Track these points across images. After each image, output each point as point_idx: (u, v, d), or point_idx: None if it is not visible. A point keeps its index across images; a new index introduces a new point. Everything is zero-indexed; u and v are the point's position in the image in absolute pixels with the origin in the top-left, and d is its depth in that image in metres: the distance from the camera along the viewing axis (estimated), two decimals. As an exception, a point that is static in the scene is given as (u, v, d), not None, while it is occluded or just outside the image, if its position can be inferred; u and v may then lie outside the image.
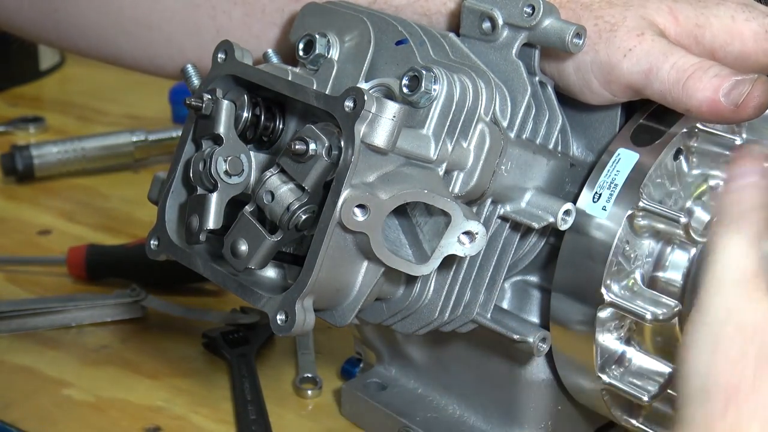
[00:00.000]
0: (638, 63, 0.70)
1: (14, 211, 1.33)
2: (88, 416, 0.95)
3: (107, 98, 1.66)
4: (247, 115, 0.71)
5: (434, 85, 0.68)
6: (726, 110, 0.68)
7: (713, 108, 0.69)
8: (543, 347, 0.75)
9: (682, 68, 0.69)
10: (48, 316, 1.07)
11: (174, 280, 1.12)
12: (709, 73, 0.69)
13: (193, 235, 0.69)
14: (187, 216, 0.70)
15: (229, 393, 0.98)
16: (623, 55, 0.71)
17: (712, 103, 0.68)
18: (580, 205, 0.74)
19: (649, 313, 0.72)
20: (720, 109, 0.69)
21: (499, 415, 0.85)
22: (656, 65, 0.70)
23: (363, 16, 0.74)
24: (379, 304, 0.74)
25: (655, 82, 0.70)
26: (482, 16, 0.73)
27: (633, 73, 0.71)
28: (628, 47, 0.71)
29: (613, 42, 0.71)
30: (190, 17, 0.84)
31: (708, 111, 0.69)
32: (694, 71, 0.69)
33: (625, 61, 0.71)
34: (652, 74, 0.70)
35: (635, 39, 0.70)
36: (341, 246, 0.67)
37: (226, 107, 0.70)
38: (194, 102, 0.70)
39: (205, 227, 0.69)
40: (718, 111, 0.69)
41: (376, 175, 0.66)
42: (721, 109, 0.69)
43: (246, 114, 0.71)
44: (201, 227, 0.69)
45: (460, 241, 0.67)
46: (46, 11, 0.88)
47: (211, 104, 0.70)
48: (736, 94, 0.68)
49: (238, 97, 0.71)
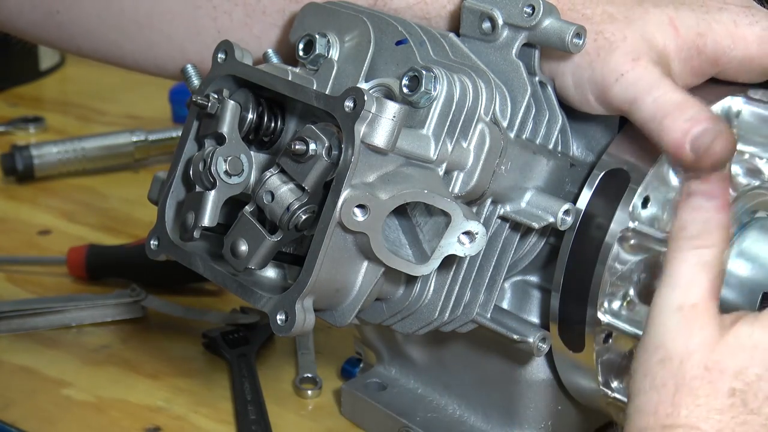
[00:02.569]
0: (626, 91, 0.70)
1: (14, 211, 1.33)
2: (88, 416, 0.95)
3: (107, 98, 1.66)
4: (252, 116, 0.71)
5: (434, 85, 0.68)
6: (687, 157, 0.67)
7: (677, 152, 0.67)
8: (543, 347, 0.75)
9: (661, 105, 0.69)
10: (48, 316, 1.07)
11: (174, 280, 1.12)
12: (684, 115, 0.68)
13: (188, 232, 0.69)
14: (184, 212, 0.70)
15: (229, 393, 0.98)
16: (615, 80, 0.71)
17: (677, 148, 0.67)
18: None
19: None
20: (683, 155, 0.67)
21: (499, 415, 0.85)
22: (640, 97, 0.70)
23: (363, 17, 0.74)
24: (379, 304, 0.74)
25: (636, 113, 0.70)
26: (482, 16, 0.73)
27: (621, 100, 0.71)
28: (621, 72, 0.70)
29: (608, 63, 0.71)
30: (191, 18, 0.84)
31: (673, 154, 0.68)
32: (672, 111, 0.68)
33: (616, 86, 0.71)
34: (635, 105, 0.70)
35: (629, 64, 0.70)
36: (341, 246, 0.67)
37: (232, 107, 0.70)
38: (200, 100, 0.70)
39: (200, 224, 0.69)
40: (681, 156, 0.67)
41: (376, 175, 0.66)
42: (683, 155, 0.67)
43: (251, 116, 0.71)
44: (196, 224, 0.69)
45: (460, 241, 0.67)
46: (47, 13, 0.88)
47: (217, 104, 0.70)
48: (699, 144, 0.66)
49: (245, 99, 0.71)
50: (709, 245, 0.64)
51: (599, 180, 0.74)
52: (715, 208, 0.65)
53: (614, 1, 0.73)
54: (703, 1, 0.73)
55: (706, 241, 0.64)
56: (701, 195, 0.65)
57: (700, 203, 0.64)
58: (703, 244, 0.64)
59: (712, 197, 0.65)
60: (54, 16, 0.88)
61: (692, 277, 0.63)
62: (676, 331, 0.62)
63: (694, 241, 0.64)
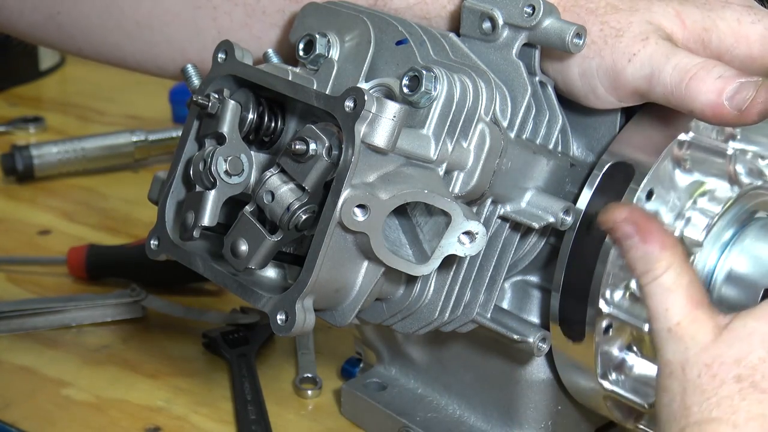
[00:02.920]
0: (641, 67, 0.70)
1: (14, 211, 1.33)
2: (88, 416, 0.95)
3: (107, 98, 1.66)
4: (252, 116, 0.71)
5: (434, 85, 0.68)
6: (729, 115, 0.68)
7: (717, 112, 0.68)
8: (543, 347, 0.75)
9: (684, 69, 0.69)
10: (48, 316, 1.07)
11: (174, 280, 1.12)
12: (712, 74, 0.68)
13: (187, 231, 0.69)
14: (183, 212, 0.70)
15: (229, 393, 0.98)
16: (627, 60, 0.70)
17: (715, 107, 0.68)
18: None
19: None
20: (723, 114, 0.68)
21: (499, 415, 0.85)
22: (658, 68, 0.69)
23: (363, 16, 0.74)
24: (379, 304, 0.74)
25: (658, 86, 0.70)
26: (482, 16, 0.73)
27: (637, 78, 0.70)
28: (632, 52, 0.70)
29: (618, 47, 0.71)
30: (191, 19, 0.84)
31: (711, 115, 0.68)
32: (696, 72, 0.68)
33: (629, 66, 0.70)
34: (655, 78, 0.70)
35: (639, 44, 0.70)
36: (341, 246, 0.67)
37: (232, 107, 0.70)
38: (201, 100, 0.70)
39: (200, 224, 0.69)
40: (722, 115, 0.68)
41: (376, 175, 0.66)
42: (724, 114, 0.68)
43: (252, 116, 0.71)
44: (196, 224, 0.69)
45: (460, 241, 0.67)
46: (47, 14, 0.88)
47: (217, 103, 0.70)
48: (740, 98, 0.67)
49: (245, 99, 0.71)
50: (662, 271, 0.65)
51: (600, 179, 0.74)
52: (640, 242, 0.65)
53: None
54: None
55: (656, 271, 0.65)
56: (623, 239, 0.66)
57: (628, 246, 0.65)
58: (655, 274, 0.65)
59: (631, 235, 0.65)
60: (54, 18, 0.88)
61: (664, 304, 0.64)
62: (673, 347, 0.64)
63: (647, 275, 0.65)
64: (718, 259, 0.75)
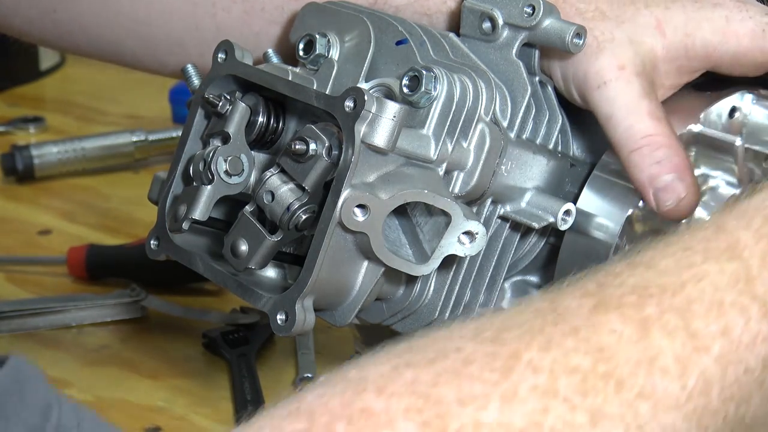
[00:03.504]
0: (604, 104, 0.71)
1: (14, 211, 1.33)
2: (88, 416, 0.95)
3: (107, 98, 1.66)
4: (262, 120, 0.71)
5: (434, 85, 0.68)
6: (649, 202, 0.70)
7: (643, 192, 0.70)
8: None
9: (633, 137, 0.70)
10: (48, 316, 1.07)
11: (174, 280, 1.12)
12: (654, 156, 0.70)
13: (177, 222, 0.69)
14: (177, 205, 0.70)
15: (229, 393, 0.98)
16: (597, 86, 0.71)
17: (641, 188, 0.70)
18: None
19: None
20: (646, 198, 0.70)
21: (499, 415, 0.85)
22: (616, 118, 0.71)
23: (363, 16, 0.74)
24: (379, 304, 0.74)
25: (608, 131, 0.71)
26: (482, 16, 0.73)
27: (598, 110, 0.72)
28: (603, 79, 0.71)
29: (593, 65, 0.72)
30: (190, 15, 0.84)
31: (639, 190, 0.71)
32: (641, 147, 0.70)
33: (597, 93, 0.72)
34: (610, 122, 0.71)
35: (613, 72, 0.71)
36: (341, 246, 0.67)
37: (242, 109, 0.70)
38: (212, 98, 0.70)
39: (190, 216, 0.69)
40: (646, 198, 0.70)
41: (376, 175, 0.66)
42: (646, 199, 0.70)
43: (261, 119, 0.71)
44: (186, 216, 0.69)
45: (460, 241, 0.67)
46: (44, 12, 0.88)
47: (227, 104, 0.70)
48: (665, 197, 0.69)
49: (255, 103, 0.71)
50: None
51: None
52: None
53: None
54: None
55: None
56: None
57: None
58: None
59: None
60: (51, 15, 0.88)
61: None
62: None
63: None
64: None
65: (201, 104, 0.72)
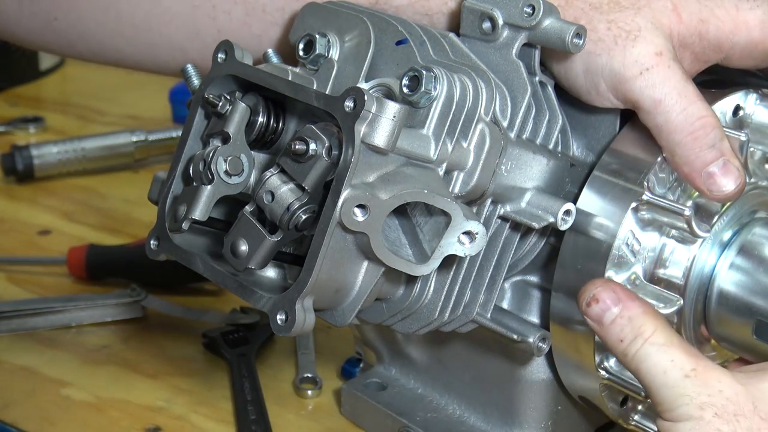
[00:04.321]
0: (652, 89, 0.71)
1: (14, 211, 1.33)
2: (87, 416, 0.95)
3: (107, 98, 1.66)
4: (262, 120, 0.71)
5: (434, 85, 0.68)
6: (699, 186, 0.71)
7: (690, 177, 0.71)
8: (543, 347, 0.75)
9: (689, 119, 0.70)
10: (48, 316, 1.07)
11: (174, 280, 1.12)
12: (709, 139, 0.70)
13: (177, 222, 0.69)
14: (177, 205, 0.70)
15: (229, 393, 0.98)
16: (639, 73, 0.71)
17: (691, 173, 0.71)
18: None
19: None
20: (695, 183, 0.71)
21: (499, 415, 0.85)
22: (668, 102, 0.70)
23: (363, 16, 0.74)
24: (379, 304, 0.74)
25: (659, 116, 0.71)
26: (482, 16, 0.73)
27: (644, 96, 0.71)
28: (646, 66, 0.71)
29: (630, 54, 0.71)
30: (190, 18, 0.84)
31: (684, 175, 0.71)
32: (696, 130, 0.70)
33: (640, 80, 0.71)
34: (661, 107, 0.71)
35: (653, 58, 0.71)
36: (341, 246, 0.67)
37: (242, 110, 0.70)
38: (212, 98, 0.70)
39: (190, 216, 0.69)
40: (693, 181, 0.71)
41: (376, 175, 0.66)
42: (695, 184, 0.71)
43: (261, 119, 0.71)
44: (186, 216, 0.69)
45: (460, 241, 0.67)
46: (45, 20, 0.88)
47: (227, 104, 0.70)
48: (720, 180, 0.70)
49: (255, 104, 0.71)
50: (651, 331, 0.68)
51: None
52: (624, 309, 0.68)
53: None
54: None
55: (646, 332, 0.68)
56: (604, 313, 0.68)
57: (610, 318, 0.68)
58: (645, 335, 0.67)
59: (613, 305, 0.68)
60: (52, 24, 0.88)
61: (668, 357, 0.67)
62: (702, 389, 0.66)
63: (638, 340, 0.67)
64: (719, 258, 0.75)
65: (201, 104, 0.72)
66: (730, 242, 0.75)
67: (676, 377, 0.66)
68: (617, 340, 0.68)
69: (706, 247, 0.74)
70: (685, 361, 0.66)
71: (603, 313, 0.68)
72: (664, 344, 0.67)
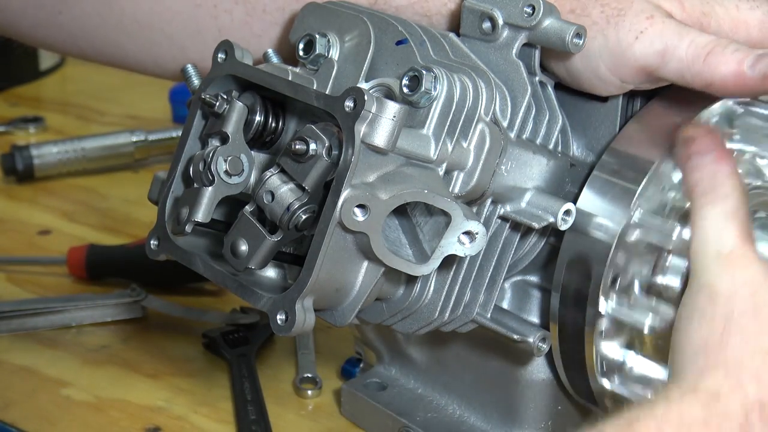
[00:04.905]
0: (652, 44, 0.70)
1: (14, 211, 1.33)
2: (87, 416, 0.95)
3: (107, 98, 1.66)
4: (260, 119, 0.71)
5: (434, 85, 0.68)
6: (753, 81, 0.69)
7: (740, 80, 0.69)
8: (543, 347, 0.75)
9: (700, 45, 0.69)
10: (48, 316, 1.07)
11: (174, 280, 1.12)
12: (729, 48, 0.69)
13: (180, 225, 0.69)
14: (179, 207, 0.70)
15: (229, 393, 0.98)
16: (635, 38, 0.71)
17: (738, 76, 0.69)
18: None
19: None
20: (746, 81, 0.69)
21: (499, 415, 0.85)
22: (672, 44, 0.70)
23: (363, 16, 0.74)
24: (379, 304, 0.74)
25: (672, 61, 0.70)
26: (482, 16, 0.73)
27: (647, 55, 0.71)
28: (640, 29, 0.70)
29: (623, 25, 0.71)
30: (192, 17, 0.84)
31: (734, 83, 0.69)
32: (713, 47, 0.69)
33: (638, 44, 0.71)
34: (668, 53, 0.70)
35: (646, 21, 0.70)
36: (341, 246, 0.67)
37: (239, 109, 0.70)
38: (209, 98, 0.70)
39: (193, 219, 0.69)
40: (745, 83, 0.69)
41: (376, 175, 0.66)
42: (747, 81, 0.69)
43: (259, 118, 0.71)
44: (189, 218, 0.69)
45: (460, 241, 0.67)
46: (49, 15, 0.88)
47: (224, 104, 0.70)
48: (762, 66, 0.68)
49: (252, 102, 0.71)
50: (724, 195, 0.65)
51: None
52: (714, 160, 0.66)
53: None
54: None
55: (719, 193, 0.65)
56: (697, 154, 0.66)
57: (698, 161, 0.66)
58: (718, 196, 0.65)
59: (707, 152, 0.66)
60: (56, 18, 0.88)
61: (720, 228, 0.65)
62: (720, 272, 0.64)
63: (708, 196, 0.65)
64: None
65: (200, 104, 0.72)
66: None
67: (710, 250, 0.64)
68: (693, 183, 0.66)
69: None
70: (731, 240, 0.64)
71: (696, 153, 0.66)
72: (727, 214, 0.65)
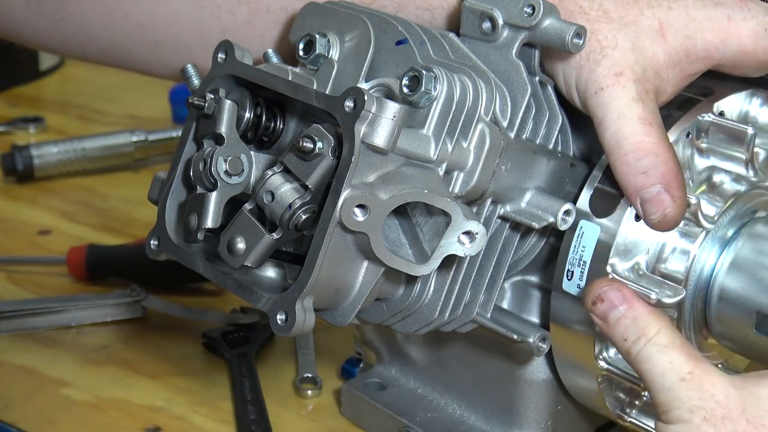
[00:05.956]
0: (599, 108, 0.71)
1: (14, 211, 1.33)
2: (87, 416, 0.95)
3: (107, 98, 1.66)
4: (249, 115, 0.71)
5: (434, 85, 0.68)
6: (639, 212, 0.71)
7: (632, 201, 0.71)
8: (543, 347, 0.75)
9: (619, 142, 0.70)
10: (48, 316, 1.07)
11: (174, 280, 1.12)
12: (641, 164, 0.70)
13: (191, 234, 0.69)
14: (186, 214, 0.70)
15: (229, 393, 0.98)
16: (594, 92, 0.72)
17: (631, 198, 0.71)
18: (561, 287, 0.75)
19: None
20: (636, 208, 0.71)
21: (499, 415, 0.85)
22: (605, 122, 0.71)
23: (363, 16, 0.74)
24: (379, 304, 0.74)
25: (600, 137, 0.72)
26: (482, 16, 0.73)
27: (594, 114, 0.72)
28: (600, 86, 0.71)
29: (594, 72, 0.72)
30: (195, 18, 0.84)
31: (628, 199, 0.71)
32: (627, 154, 0.70)
33: (594, 98, 0.72)
34: (600, 128, 0.72)
35: (611, 78, 0.71)
36: (341, 246, 0.67)
37: (229, 107, 0.70)
38: (197, 101, 0.70)
39: (204, 226, 0.69)
40: (635, 207, 0.71)
41: (376, 175, 0.66)
42: (636, 208, 0.71)
43: (248, 114, 0.71)
44: (199, 226, 0.69)
45: (460, 241, 0.67)
46: (52, 20, 0.88)
47: (213, 104, 0.70)
48: (651, 209, 0.70)
49: (241, 98, 0.71)
50: (656, 332, 0.68)
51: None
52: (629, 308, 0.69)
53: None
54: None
55: (649, 333, 0.68)
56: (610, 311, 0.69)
57: (615, 316, 0.69)
58: (649, 336, 0.68)
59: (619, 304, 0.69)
60: (59, 24, 0.88)
61: (667, 359, 0.67)
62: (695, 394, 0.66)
63: (641, 339, 0.68)
64: (719, 256, 0.75)
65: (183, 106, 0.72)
66: (731, 240, 0.75)
67: (673, 380, 0.66)
68: (621, 338, 0.68)
69: (707, 246, 0.74)
70: (683, 363, 0.67)
71: (609, 311, 0.69)
72: (665, 345, 0.67)
